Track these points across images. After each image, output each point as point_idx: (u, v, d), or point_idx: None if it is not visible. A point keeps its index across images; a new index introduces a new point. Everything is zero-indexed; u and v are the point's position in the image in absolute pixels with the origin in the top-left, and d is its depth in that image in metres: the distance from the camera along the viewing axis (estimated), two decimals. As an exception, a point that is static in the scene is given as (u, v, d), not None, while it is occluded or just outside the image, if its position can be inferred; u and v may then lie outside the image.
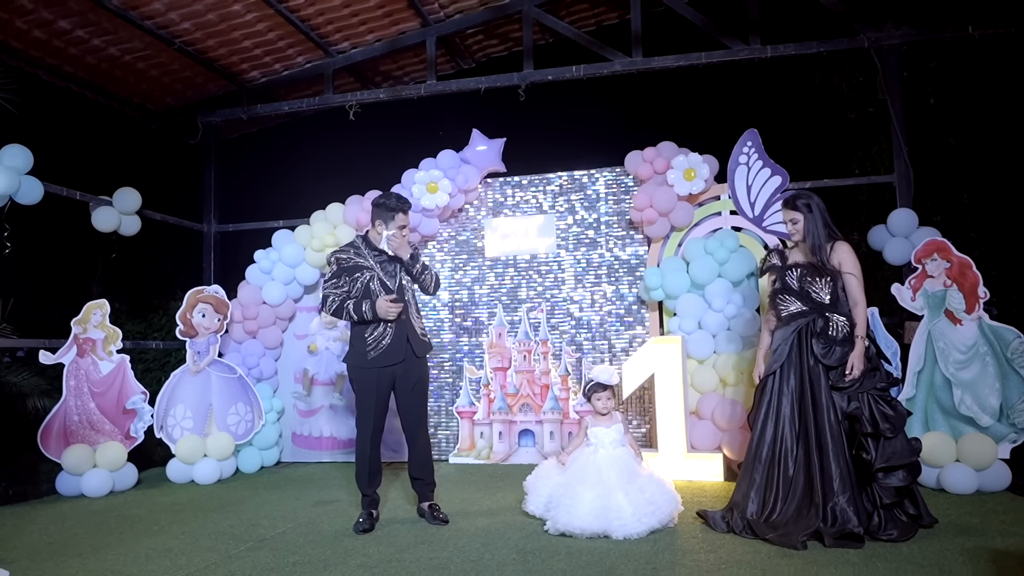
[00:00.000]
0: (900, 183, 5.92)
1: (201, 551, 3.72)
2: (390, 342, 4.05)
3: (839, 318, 3.79)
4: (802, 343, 3.83)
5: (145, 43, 6.08)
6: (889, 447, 3.61)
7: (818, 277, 3.86)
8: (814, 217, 3.89)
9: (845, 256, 3.84)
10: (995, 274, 6.89)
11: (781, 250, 4.14)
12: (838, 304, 3.83)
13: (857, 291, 3.80)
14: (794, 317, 3.89)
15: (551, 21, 6.63)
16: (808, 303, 3.87)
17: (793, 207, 3.95)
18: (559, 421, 6.05)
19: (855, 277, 3.81)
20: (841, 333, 3.76)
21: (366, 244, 4.19)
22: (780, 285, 3.99)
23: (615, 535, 3.64)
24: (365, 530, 3.99)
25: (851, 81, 8.32)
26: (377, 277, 4.09)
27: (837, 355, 3.74)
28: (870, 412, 3.67)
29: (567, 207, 6.40)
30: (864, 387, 3.72)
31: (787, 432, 3.79)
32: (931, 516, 3.73)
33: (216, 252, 7.22)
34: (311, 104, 7.06)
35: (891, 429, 3.63)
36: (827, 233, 3.89)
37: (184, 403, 5.77)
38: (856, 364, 3.70)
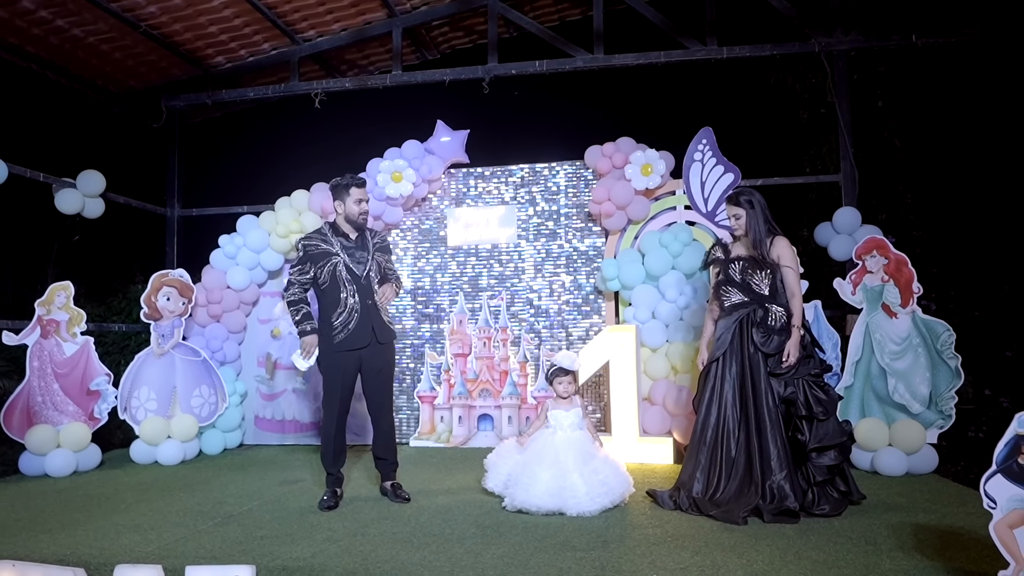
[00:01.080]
0: (845, 183, 6.21)
1: (170, 527, 3.82)
2: (355, 327, 4.17)
3: (777, 309, 4.02)
4: (743, 332, 4.06)
5: (110, 25, 6.07)
6: (821, 428, 3.89)
7: (758, 270, 4.08)
8: (755, 213, 4.11)
9: (784, 250, 4.08)
10: (935, 271, 7.27)
11: (724, 243, 4.35)
12: (776, 295, 4.06)
13: (794, 283, 4.05)
14: (736, 307, 4.12)
15: (515, 16, 6.78)
16: (749, 294, 4.10)
17: (736, 203, 4.16)
18: (517, 406, 6.24)
19: (792, 270, 4.06)
20: (779, 323, 4.00)
21: (333, 230, 4.31)
22: (723, 277, 4.21)
23: (569, 512, 3.84)
24: (330, 507, 4.13)
25: (804, 82, 8.61)
26: (343, 263, 4.21)
27: (775, 343, 3.97)
28: (804, 396, 3.92)
29: (528, 198, 6.58)
30: (799, 373, 3.96)
31: (729, 415, 4.03)
32: (860, 493, 4.01)
33: (179, 236, 7.23)
34: (276, 91, 7.10)
35: (823, 412, 3.89)
36: (767, 228, 4.12)
37: (148, 385, 5.82)
38: (792, 352, 3.94)
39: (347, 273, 4.20)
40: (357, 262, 4.24)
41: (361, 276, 4.22)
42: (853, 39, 6.26)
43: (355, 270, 4.22)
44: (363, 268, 4.24)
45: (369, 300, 4.21)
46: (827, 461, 3.89)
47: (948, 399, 5.08)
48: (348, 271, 4.20)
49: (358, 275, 4.21)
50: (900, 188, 8.15)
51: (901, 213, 8.07)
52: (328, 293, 4.23)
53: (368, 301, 4.21)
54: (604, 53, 6.51)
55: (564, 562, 3.12)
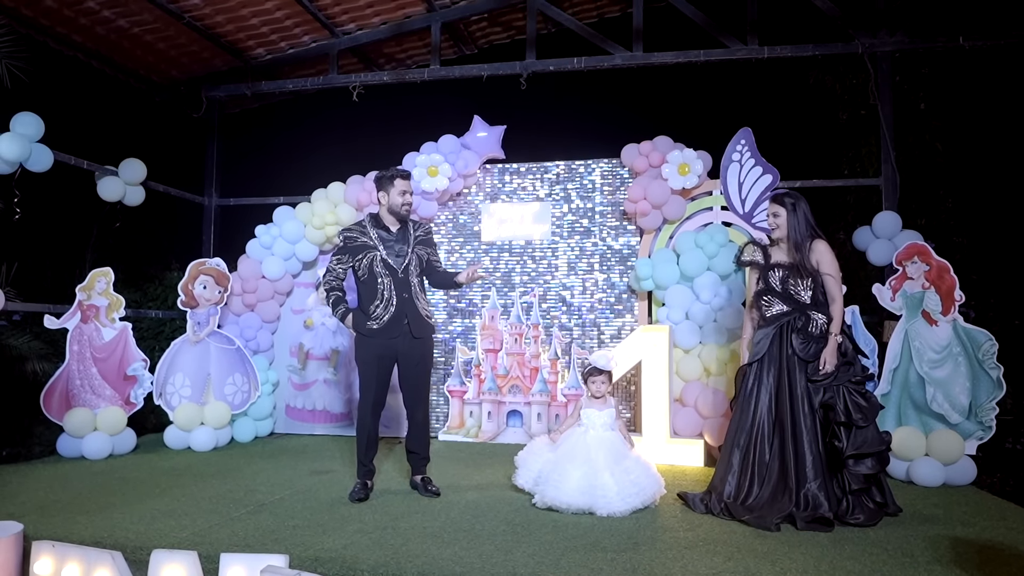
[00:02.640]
0: (886, 186, 6.10)
1: (204, 513, 3.88)
2: (390, 318, 4.19)
3: (819, 316, 3.96)
4: (782, 337, 4.01)
5: (155, 16, 6.15)
6: (860, 436, 3.81)
7: (800, 278, 4.01)
8: (797, 216, 4.03)
9: (824, 255, 3.99)
10: (975, 278, 7.12)
11: (762, 245, 4.24)
12: (818, 303, 4.00)
13: (835, 289, 3.96)
14: (777, 318, 4.05)
15: (554, 12, 6.75)
16: (791, 303, 4.03)
17: (780, 202, 4.08)
18: (547, 403, 6.24)
19: (833, 277, 3.97)
20: (820, 330, 3.94)
21: (374, 223, 4.32)
22: (763, 286, 4.13)
23: (599, 512, 3.83)
24: (360, 499, 4.15)
25: (844, 83, 8.47)
26: (380, 257, 4.22)
27: (813, 350, 3.93)
28: (844, 403, 3.85)
29: (563, 195, 6.55)
30: (839, 380, 3.89)
31: (764, 420, 3.98)
32: (896, 505, 3.93)
33: (216, 225, 7.32)
34: (315, 83, 7.16)
35: (863, 419, 3.82)
36: (808, 232, 4.03)
37: (183, 372, 5.90)
38: (828, 359, 3.88)
39: (383, 267, 4.21)
40: (396, 255, 4.24)
41: (399, 269, 4.23)
42: (898, 40, 6.14)
43: (392, 263, 4.22)
44: (402, 261, 4.24)
45: (406, 293, 4.22)
46: (864, 469, 3.81)
47: (989, 410, 4.97)
48: (384, 264, 4.22)
49: (395, 268, 4.22)
50: (941, 192, 8.00)
51: (941, 218, 7.92)
52: (366, 284, 4.26)
53: (405, 294, 4.22)
54: (643, 51, 6.46)
55: (595, 563, 3.11)
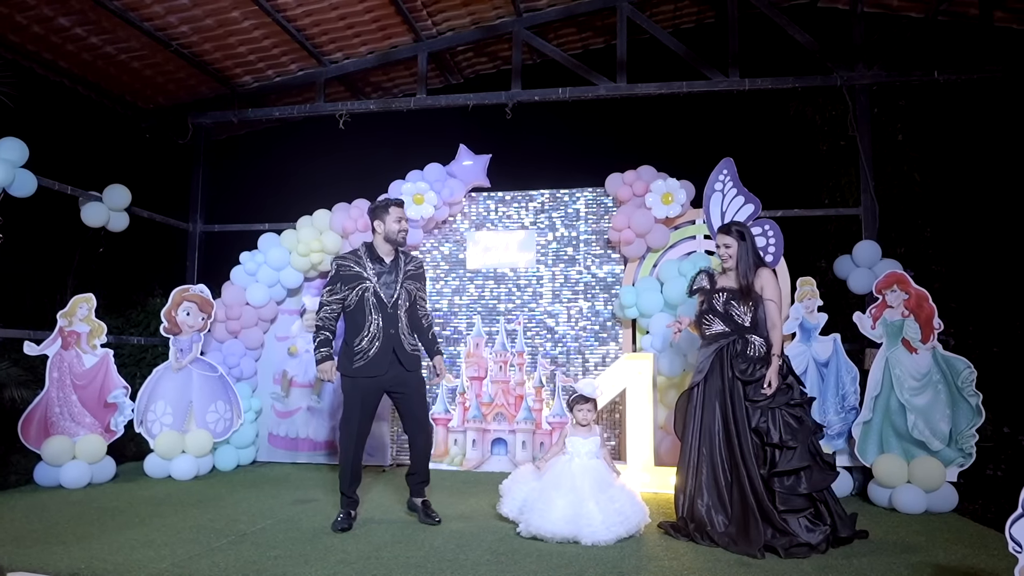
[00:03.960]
0: (865, 216, 6.20)
1: (183, 543, 3.82)
2: (375, 354, 4.18)
3: (756, 339, 4.10)
4: (723, 361, 4.14)
5: (142, 43, 6.19)
6: (787, 455, 3.90)
7: (741, 302, 4.16)
8: (746, 246, 4.22)
9: (767, 281, 4.17)
10: (954, 306, 7.22)
11: (711, 273, 4.43)
12: (757, 327, 4.15)
13: (775, 315, 4.15)
14: (716, 337, 4.21)
15: (540, 43, 6.85)
16: (730, 324, 4.18)
17: (728, 232, 4.27)
18: (532, 431, 6.22)
19: (774, 303, 4.15)
20: (758, 352, 4.08)
21: (368, 253, 4.32)
22: (706, 307, 4.31)
23: (584, 540, 3.82)
24: (343, 529, 4.11)
25: (824, 114, 8.63)
26: (373, 289, 4.21)
27: (755, 372, 4.05)
28: (778, 426, 3.95)
29: (548, 224, 6.60)
30: (776, 402, 4.00)
31: (716, 443, 4.06)
32: (851, 528, 3.92)
33: (201, 252, 7.30)
34: (302, 111, 7.20)
35: (792, 439, 3.91)
36: (755, 260, 4.23)
37: (165, 399, 5.84)
38: (772, 379, 4.01)
39: (375, 299, 4.20)
40: (387, 287, 4.24)
41: (388, 303, 4.22)
42: (875, 74, 6.28)
43: (383, 296, 4.21)
44: (391, 294, 4.24)
45: (392, 329, 4.21)
46: (801, 488, 3.85)
47: (969, 437, 5.02)
48: (376, 297, 4.20)
49: (385, 302, 4.21)
50: (919, 222, 8.13)
51: (920, 247, 8.05)
52: (354, 317, 4.24)
53: (391, 330, 4.21)
54: (627, 82, 6.56)
55: (580, 592, 3.09)
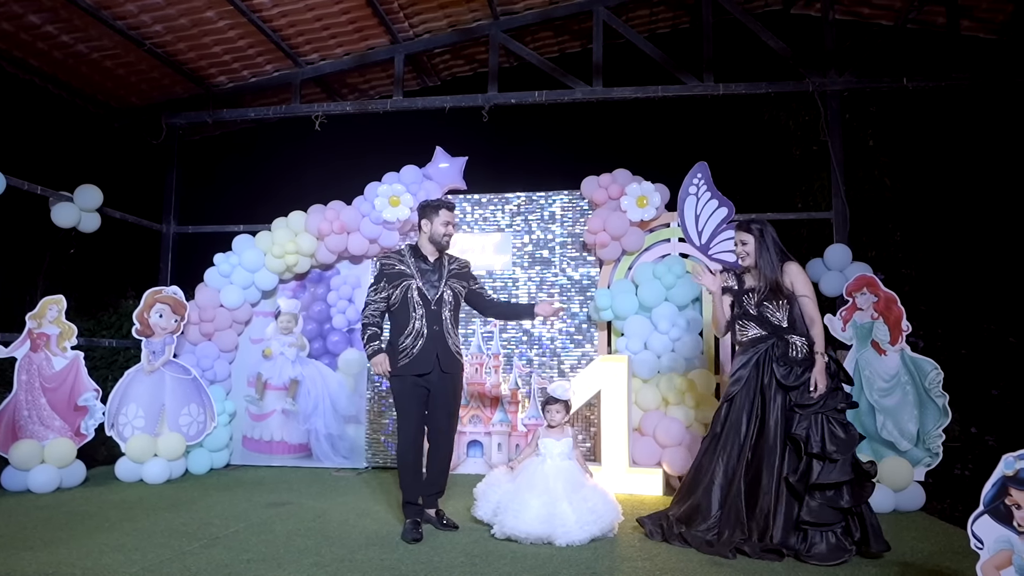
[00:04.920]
0: (837, 220, 6.29)
1: (154, 547, 3.79)
2: (418, 352, 4.10)
3: (797, 339, 3.91)
4: (760, 368, 3.95)
5: (115, 42, 6.12)
6: (829, 467, 3.69)
7: (773, 301, 3.98)
8: (765, 242, 4.02)
9: (797, 277, 3.97)
10: (923, 308, 7.36)
11: (739, 273, 4.21)
12: (795, 326, 3.95)
13: (813, 310, 3.92)
14: (754, 342, 4.01)
15: (516, 47, 6.88)
16: (767, 327, 3.99)
17: (746, 230, 4.08)
18: (507, 433, 6.24)
19: (808, 298, 3.94)
20: (800, 354, 3.88)
21: (412, 252, 4.29)
22: (739, 311, 4.10)
23: (558, 541, 3.84)
24: (415, 539, 3.94)
25: (797, 120, 8.77)
26: (416, 287, 4.16)
27: (798, 376, 3.84)
28: (821, 433, 3.74)
29: (524, 226, 6.63)
30: (826, 406, 3.79)
31: (735, 454, 3.91)
32: (882, 543, 3.70)
33: (174, 253, 7.23)
34: (277, 112, 7.17)
35: (836, 451, 3.70)
36: (779, 256, 4.02)
37: (137, 402, 5.78)
38: (820, 380, 3.80)
39: (419, 296, 4.15)
40: (431, 286, 4.19)
41: (432, 301, 4.16)
42: (846, 80, 6.38)
43: (427, 294, 4.16)
44: (435, 292, 4.18)
45: (436, 326, 4.14)
46: (842, 503, 3.66)
47: (936, 437, 5.11)
48: (420, 295, 4.15)
49: (429, 299, 4.16)
50: (890, 226, 8.28)
51: (890, 251, 8.19)
52: (398, 315, 4.19)
53: (435, 327, 4.13)
54: (603, 86, 6.61)
55: (553, 593, 3.11)
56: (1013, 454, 2.65)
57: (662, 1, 7.20)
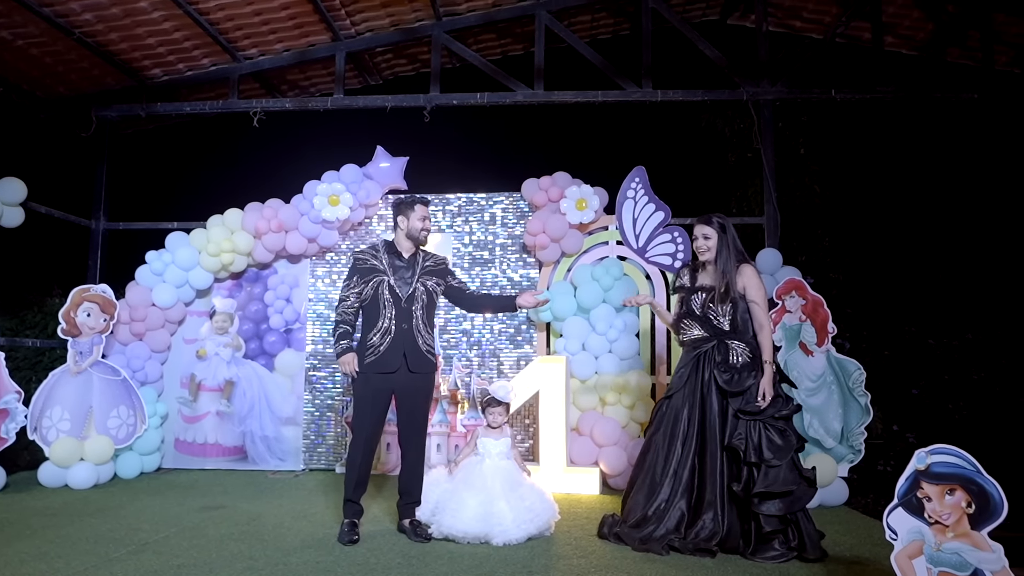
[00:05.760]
0: (768, 225, 6.50)
1: (79, 555, 3.67)
2: (385, 350, 4.05)
3: (738, 345, 3.90)
4: (700, 370, 3.96)
5: (41, 29, 5.89)
6: (771, 475, 3.69)
7: (720, 303, 3.94)
8: (726, 239, 3.99)
9: (751, 280, 3.93)
10: (849, 311, 7.64)
11: (693, 269, 4.18)
12: (738, 330, 3.93)
13: (763, 316, 3.90)
14: (696, 343, 4.02)
15: (459, 48, 6.89)
16: (708, 329, 3.98)
17: (708, 223, 4.02)
18: (446, 434, 6.23)
19: (759, 304, 3.89)
20: (740, 360, 3.87)
21: (387, 249, 4.24)
22: (684, 309, 4.09)
23: (495, 540, 3.87)
24: (351, 541, 3.90)
25: (733, 127, 9.00)
26: (388, 283, 4.12)
27: (740, 382, 3.83)
28: (758, 441, 3.75)
29: (465, 228, 6.64)
30: (766, 414, 3.79)
31: (677, 454, 3.94)
32: (819, 550, 3.71)
33: (104, 250, 7.00)
34: (214, 107, 7.01)
35: (775, 458, 3.70)
36: (736, 256, 3.98)
37: (62, 404, 5.58)
38: (768, 390, 3.79)
39: (389, 293, 4.10)
40: (403, 283, 4.15)
41: (403, 298, 4.11)
42: (778, 90, 6.59)
43: (398, 291, 4.12)
44: (407, 289, 4.13)
45: (405, 324, 4.09)
46: (772, 510, 3.68)
47: (858, 434, 5.33)
48: (391, 291, 4.11)
49: (400, 296, 4.11)
50: (819, 232, 8.56)
51: (819, 255, 8.47)
52: (368, 312, 4.15)
53: (404, 325, 4.08)
54: (544, 89, 6.67)
55: (489, 591, 3.14)
56: (925, 449, 2.80)
57: (603, 8, 7.32)
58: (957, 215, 7.99)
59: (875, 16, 6.52)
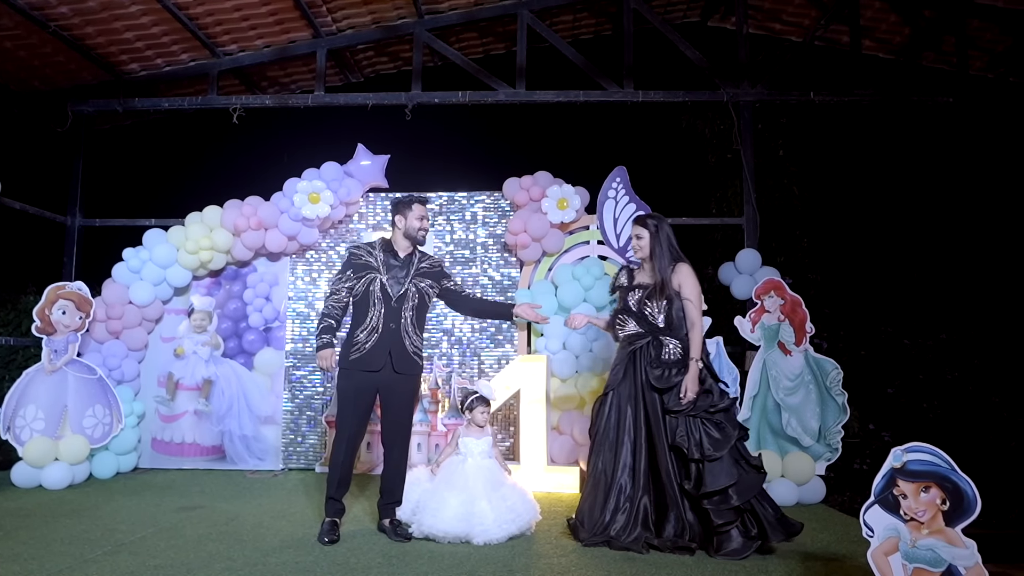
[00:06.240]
0: (748, 226, 6.55)
1: (53, 556, 3.62)
2: (371, 348, 4.02)
3: (671, 341, 3.98)
4: (636, 366, 4.02)
5: (15, 22, 5.80)
6: (715, 469, 3.76)
7: (655, 300, 4.01)
8: (659, 238, 4.07)
9: (685, 279, 4.01)
10: (827, 312, 7.73)
11: (631, 269, 4.30)
12: (673, 327, 4.00)
13: (694, 314, 3.97)
14: (631, 339, 4.09)
15: (440, 46, 6.87)
16: (644, 325, 4.05)
17: (643, 224, 4.14)
18: (427, 433, 6.23)
19: (692, 302, 3.97)
20: (673, 356, 3.95)
21: (383, 247, 4.21)
22: (621, 305, 4.18)
23: (476, 540, 3.87)
24: (331, 541, 3.88)
25: (713, 128, 9.06)
26: (380, 281, 4.09)
27: (670, 379, 3.91)
28: (698, 437, 3.82)
29: (446, 226, 6.63)
30: (696, 409, 3.86)
31: (625, 451, 3.98)
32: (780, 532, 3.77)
33: (79, 247, 6.90)
34: (193, 103, 6.93)
35: (714, 450, 3.77)
36: (671, 255, 4.07)
37: (36, 403, 5.50)
38: (690, 387, 3.87)
39: (380, 291, 4.07)
40: (395, 282, 4.12)
41: (393, 298, 4.08)
42: (758, 92, 6.65)
43: (389, 290, 4.08)
44: (399, 289, 4.10)
45: (393, 324, 4.05)
46: (724, 504, 3.75)
47: (835, 433, 5.40)
48: (382, 290, 4.08)
49: (391, 295, 4.08)
50: (797, 232, 8.65)
51: (798, 256, 8.55)
52: (358, 309, 4.12)
53: (392, 325, 4.05)
54: (526, 88, 6.68)
55: (470, 590, 3.14)
56: (901, 447, 2.83)
57: (585, 8, 7.34)
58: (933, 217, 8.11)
59: (853, 20, 6.59)
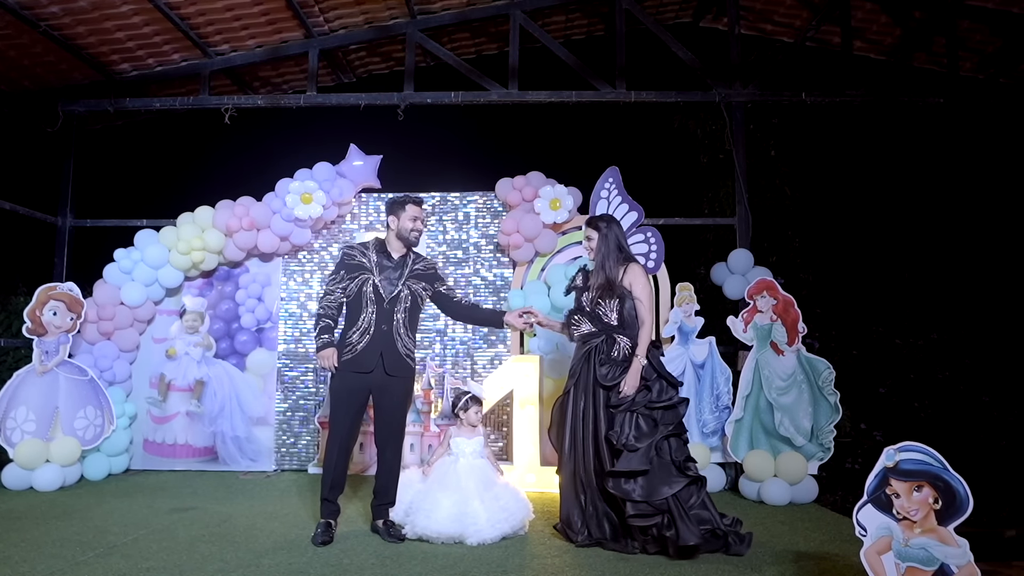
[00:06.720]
0: (740, 226, 6.56)
1: (45, 558, 3.61)
2: (362, 349, 4.01)
3: (623, 339, 4.01)
4: (591, 365, 4.04)
5: (6, 22, 5.75)
6: (631, 458, 3.78)
7: (607, 299, 4.06)
8: (607, 240, 4.13)
9: (636, 278, 4.06)
10: (819, 311, 7.77)
11: (587, 271, 4.33)
12: (625, 325, 4.04)
13: (644, 313, 4.02)
14: (585, 339, 4.12)
15: (433, 46, 6.87)
16: (597, 324, 4.09)
17: (593, 226, 4.20)
18: (420, 434, 6.22)
19: (642, 301, 4.03)
20: (622, 354, 3.99)
21: (377, 247, 4.20)
22: (575, 306, 4.23)
23: (470, 540, 3.87)
24: (324, 542, 3.88)
25: (705, 128, 9.10)
26: (373, 282, 4.07)
27: (616, 376, 3.95)
28: (628, 429, 3.85)
29: (438, 227, 6.63)
30: (635, 405, 3.89)
31: (588, 451, 3.98)
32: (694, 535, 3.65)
33: (71, 248, 6.87)
34: (185, 103, 6.90)
35: (637, 440, 3.79)
36: (619, 256, 4.12)
37: (27, 405, 5.46)
38: (629, 382, 3.90)
39: (373, 292, 4.06)
40: (389, 283, 4.10)
41: (386, 299, 4.07)
42: (750, 92, 6.66)
43: (382, 291, 4.07)
44: (392, 290, 4.09)
45: (385, 325, 4.04)
46: (634, 494, 3.75)
47: (828, 432, 5.42)
48: (375, 290, 4.06)
49: (383, 296, 4.06)
50: (789, 233, 8.69)
51: (790, 256, 8.60)
52: (351, 309, 4.11)
53: (384, 326, 4.04)
54: (519, 89, 6.68)
55: (464, 591, 3.14)
56: (894, 447, 2.85)
57: (578, 8, 7.34)
58: (924, 217, 8.15)
59: (844, 21, 6.62)
